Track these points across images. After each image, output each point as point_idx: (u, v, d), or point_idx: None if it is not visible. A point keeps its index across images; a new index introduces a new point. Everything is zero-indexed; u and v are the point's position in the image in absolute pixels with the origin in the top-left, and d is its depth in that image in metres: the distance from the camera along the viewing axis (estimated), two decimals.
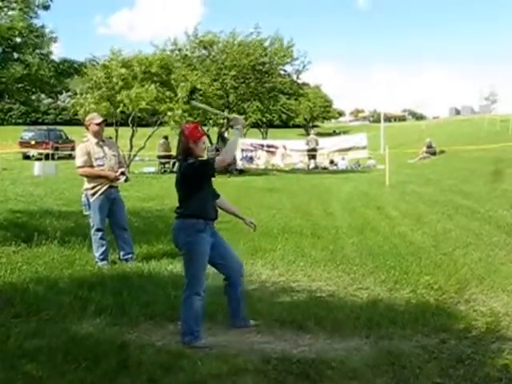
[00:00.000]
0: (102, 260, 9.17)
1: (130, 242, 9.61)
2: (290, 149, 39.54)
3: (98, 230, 9.24)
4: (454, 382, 5.01)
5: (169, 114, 28.67)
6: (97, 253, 9.20)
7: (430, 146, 37.56)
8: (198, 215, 5.89)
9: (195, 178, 5.90)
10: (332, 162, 37.46)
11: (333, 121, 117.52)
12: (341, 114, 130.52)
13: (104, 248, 9.25)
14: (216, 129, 35.73)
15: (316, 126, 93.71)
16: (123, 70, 29.13)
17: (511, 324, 6.42)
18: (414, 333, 6.14)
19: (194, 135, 6.01)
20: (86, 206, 9.24)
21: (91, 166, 9.08)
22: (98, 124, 9.19)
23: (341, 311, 6.87)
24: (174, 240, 6.15)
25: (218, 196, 6.31)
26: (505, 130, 44.63)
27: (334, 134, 73.60)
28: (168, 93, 29.88)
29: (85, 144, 9.19)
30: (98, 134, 9.19)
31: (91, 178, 9.14)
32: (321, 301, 7.37)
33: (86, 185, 9.20)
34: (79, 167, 9.17)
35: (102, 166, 9.13)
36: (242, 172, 31.98)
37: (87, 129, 9.37)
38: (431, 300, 7.33)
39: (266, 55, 32.70)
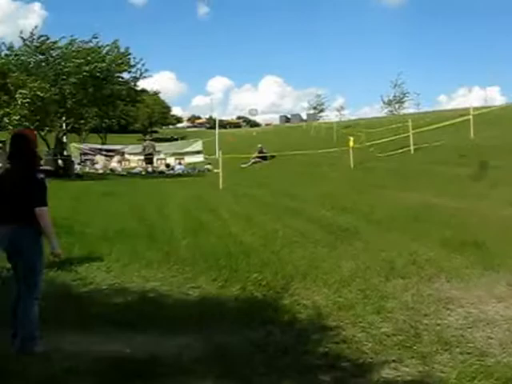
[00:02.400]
0: None
1: None
2: (127, 153, 39.06)
3: None
4: (279, 371, 5.17)
5: (5, 119, 27.42)
6: None
7: (261, 152, 38.46)
8: (37, 224, 5.61)
9: (38, 195, 5.63)
10: (168, 165, 37.40)
11: (171, 127, 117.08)
12: (179, 120, 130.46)
13: None
14: (53, 134, 34.48)
15: (155, 132, 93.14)
16: None
17: (331, 315, 6.71)
18: (241, 327, 6.28)
19: (36, 140, 5.96)
20: None
21: None
22: None
23: (173, 309, 6.90)
24: (12, 247, 5.68)
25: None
26: (330, 137, 46.59)
27: (171, 139, 73.36)
28: (5, 97, 28.58)
29: None
30: None
31: None
32: (154, 300, 7.35)
33: None
34: None
35: None
36: (80, 176, 31.13)
37: None
38: (259, 296, 7.51)
39: (103, 62, 32.02)
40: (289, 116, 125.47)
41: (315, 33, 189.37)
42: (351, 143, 28.51)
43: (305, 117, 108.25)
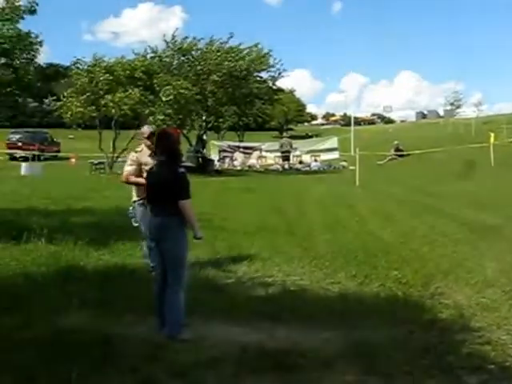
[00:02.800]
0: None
1: None
2: (265, 150, 39.59)
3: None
4: (421, 369, 5.07)
5: (150, 118, 28.58)
6: (153, 262, 7.98)
7: (397, 149, 37.78)
8: (181, 215, 5.86)
9: (181, 189, 5.86)
10: (301, 162, 37.56)
11: (306, 124, 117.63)
12: (313, 117, 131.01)
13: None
14: (195, 132, 35.67)
15: (290, 129, 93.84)
16: (107, 75, 29.17)
17: (474, 315, 6.50)
18: (382, 324, 6.20)
19: (179, 138, 6.19)
20: (135, 217, 8.66)
21: (139, 176, 8.44)
22: (146, 138, 8.61)
23: (314, 304, 6.92)
24: (159, 236, 6.00)
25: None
26: (468, 133, 45.05)
27: (306, 136, 73.59)
28: (151, 97, 29.88)
29: (136, 154, 8.66)
30: (150, 147, 8.41)
31: (137, 187, 8.51)
32: (295, 294, 7.40)
33: (135, 197, 8.66)
34: (124, 175, 8.69)
35: None
36: (219, 173, 31.96)
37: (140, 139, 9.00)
38: (399, 293, 7.39)
39: (242, 60, 32.71)
40: (425, 112, 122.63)
41: (452, 28, 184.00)
42: (492, 139, 27.43)
43: (442, 113, 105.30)
